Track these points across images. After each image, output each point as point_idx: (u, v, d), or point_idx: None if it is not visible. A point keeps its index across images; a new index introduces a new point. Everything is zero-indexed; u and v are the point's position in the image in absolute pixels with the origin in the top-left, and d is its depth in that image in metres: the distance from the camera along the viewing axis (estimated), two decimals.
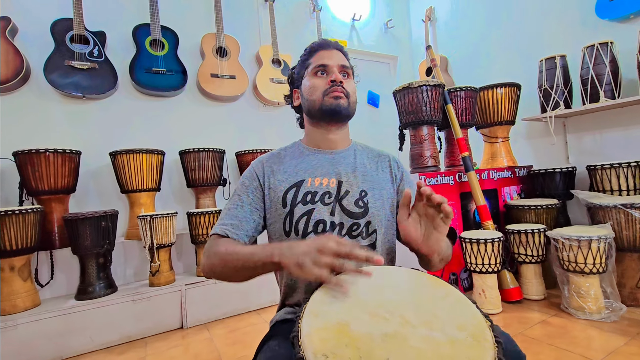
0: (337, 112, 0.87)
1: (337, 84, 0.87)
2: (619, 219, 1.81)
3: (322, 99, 0.87)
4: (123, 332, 1.91)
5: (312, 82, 0.89)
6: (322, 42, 0.93)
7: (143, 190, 2.23)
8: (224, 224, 0.82)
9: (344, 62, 0.91)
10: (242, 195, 0.87)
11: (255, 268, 0.70)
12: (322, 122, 0.91)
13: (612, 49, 2.10)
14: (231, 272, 0.74)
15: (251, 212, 0.85)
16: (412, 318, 0.53)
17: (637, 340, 1.48)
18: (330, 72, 0.89)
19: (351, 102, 0.90)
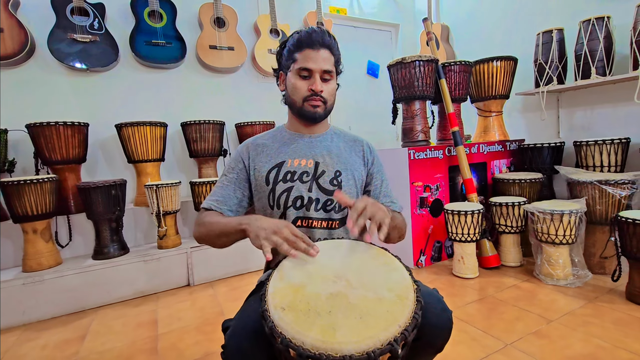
0: (313, 118, 0.99)
1: (317, 93, 0.94)
2: (594, 194, 1.91)
3: (301, 104, 0.96)
4: (136, 288, 2.14)
5: (295, 83, 0.96)
6: (310, 40, 0.94)
7: (148, 160, 2.37)
8: (210, 200, 0.98)
9: (328, 65, 0.96)
10: (228, 175, 1.01)
11: (229, 234, 0.86)
12: (302, 121, 1.02)
13: (608, 24, 2.09)
14: (214, 238, 0.91)
15: (234, 191, 0.99)
16: (354, 282, 0.67)
17: (593, 304, 1.64)
18: (312, 78, 0.94)
19: (328, 105, 0.99)
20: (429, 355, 0.77)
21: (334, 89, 1.00)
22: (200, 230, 0.94)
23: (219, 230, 0.88)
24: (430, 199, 2.31)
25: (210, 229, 0.90)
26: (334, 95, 1.01)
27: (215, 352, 1.47)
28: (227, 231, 0.86)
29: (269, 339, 0.64)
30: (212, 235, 0.91)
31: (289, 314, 0.61)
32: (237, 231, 0.83)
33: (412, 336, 0.59)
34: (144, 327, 1.76)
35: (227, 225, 0.86)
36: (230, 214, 0.98)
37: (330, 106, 1.00)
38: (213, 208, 0.96)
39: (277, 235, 0.74)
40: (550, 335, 1.41)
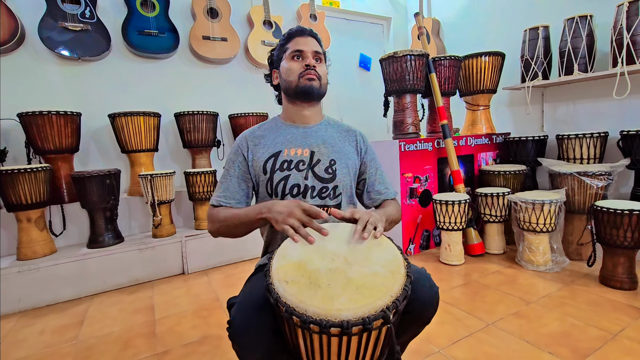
0: (310, 92, 1.02)
1: (311, 67, 1.01)
2: (573, 185, 2.02)
3: (297, 81, 1.02)
4: (132, 276, 2.17)
5: (289, 65, 1.03)
6: (298, 29, 1.06)
7: (142, 150, 2.39)
8: (218, 196, 1.03)
9: (317, 48, 1.05)
10: (230, 169, 1.05)
11: (250, 223, 0.93)
12: (297, 100, 1.06)
13: (591, 22, 2.18)
14: (233, 230, 0.98)
15: (239, 183, 1.04)
16: (350, 259, 0.73)
17: (569, 287, 1.75)
18: (305, 57, 1.03)
19: (322, 83, 1.04)
20: (418, 327, 0.84)
21: (325, 72, 1.08)
22: (217, 226, 1.00)
23: (239, 222, 0.95)
24: (419, 190, 2.39)
25: (228, 222, 0.97)
26: (326, 77, 1.08)
27: (212, 334, 1.53)
28: (247, 221, 0.93)
29: (274, 310, 0.70)
30: (231, 227, 0.97)
31: (292, 287, 0.67)
32: (257, 220, 0.90)
33: (402, 305, 0.66)
34: (141, 312, 1.80)
35: (246, 216, 0.93)
36: (240, 207, 1.03)
37: (324, 86, 1.06)
38: (222, 204, 1.02)
39: (292, 218, 0.81)
40: (528, 315, 1.51)
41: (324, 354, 0.67)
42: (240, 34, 2.86)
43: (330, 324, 0.60)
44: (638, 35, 1.95)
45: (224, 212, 0.99)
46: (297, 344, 0.69)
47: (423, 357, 1.26)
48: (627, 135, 1.99)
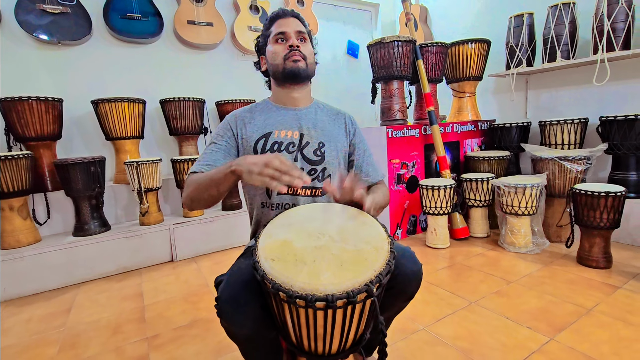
0: (297, 73, 1.02)
1: (295, 48, 1.01)
2: (554, 170, 2.08)
3: (283, 63, 1.01)
4: (119, 264, 2.16)
5: (274, 49, 1.03)
6: (279, 12, 1.05)
7: (127, 137, 2.34)
8: (201, 164, 0.98)
9: (300, 28, 1.04)
10: (217, 142, 1.03)
11: (219, 182, 0.84)
12: (286, 83, 1.05)
13: (573, 9, 2.21)
14: (203, 192, 0.89)
15: (224, 157, 1.02)
16: (335, 237, 0.75)
17: (548, 267, 1.82)
18: (288, 38, 1.02)
19: (309, 63, 1.04)
20: (403, 302, 0.87)
21: (311, 51, 1.07)
22: (189, 190, 0.93)
23: (209, 180, 0.87)
24: (406, 176, 2.43)
25: (198, 183, 0.90)
26: (313, 56, 1.07)
27: (202, 318, 1.55)
28: (216, 179, 0.85)
29: (261, 287, 0.72)
30: (201, 190, 0.89)
31: (278, 264, 0.68)
32: (226, 175, 0.81)
33: (385, 279, 0.68)
34: (129, 299, 1.80)
35: (216, 173, 0.85)
36: None
37: (311, 65, 1.05)
38: (204, 171, 0.96)
39: (268, 168, 0.74)
40: (509, 294, 1.57)
41: (310, 328, 0.70)
42: (226, 19, 2.80)
43: (315, 298, 0.62)
44: (618, 23, 1.99)
45: (196, 176, 0.93)
46: (285, 319, 0.71)
47: (408, 334, 1.31)
48: (605, 121, 2.05)
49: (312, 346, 0.74)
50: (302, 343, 0.74)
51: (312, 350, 0.75)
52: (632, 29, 2.00)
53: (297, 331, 0.72)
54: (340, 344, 0.74)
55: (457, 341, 1.25)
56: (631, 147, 1.97)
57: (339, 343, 0.73)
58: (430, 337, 1.29)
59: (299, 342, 0.75)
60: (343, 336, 0.72)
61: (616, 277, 1.66)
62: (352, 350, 0.77)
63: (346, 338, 0.73)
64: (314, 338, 0.71)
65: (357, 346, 0.77)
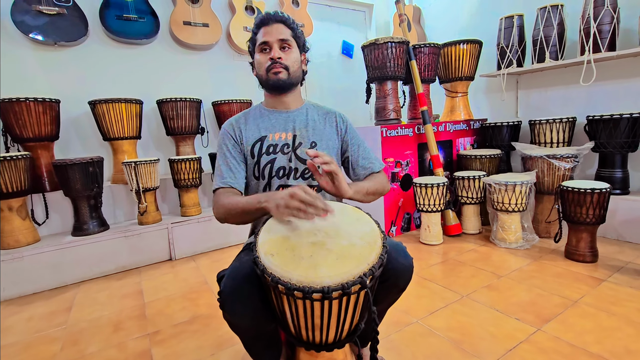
0: (279, 85, 1.05)
1: (276, 60, 1.02)
2: (543, 167, 2.14)
3: (266, 75, 1.05)
4: (118, 263, 2.19)
5: (258, 59, 1.06)
6: (263, 18, 1.05)
7: (124, 138, 2.37)
8: (223, 178, 1.03)
9: (284, 34, 1.04)
10: (227, 152, 1.07)
11: (251, 212, 0.92)
12: (272, 92, 1.10)
13: (562, 11, 2.27)
14: (237, 218, 0.97)
15: (239, 163, 1.06)
16: (331, 233, 0.80)
17: (537, 262, 1.88)
18: (270, 48, 1.04)
19: (292, 72, 1.06)
20: (395, 294, 0.92)
21: (296, 58, 1.07)
22: (221, 213, 0.99)
23: (241, 210, 0.94)
24: (400, 174, 2.48)
25: (230, 211, 0.96)
26: (298, 63, 1.08)
27: (202, 314, 1.58)
28: (248, 210, 0.92)
29: (261, 280, 0.76)
30: (234, 216, 0.96)
31: (277, 259, 0.73)
32: (257, 209, 0.89)
33: (378, 272, 0.73)
34: (129, 297, 1.83)
35: (247, 204, 0.92)
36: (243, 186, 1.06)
37: (294, 73, 1.06)
38: (232, 185, 1.02)
39: (294, 199, 0.79)
40: (499, 287, 1.62)
41: (307, 319, 0.74)
42: (221, 19, 2.83)
43: (312, 290, 0.67)
44: (604, 25, 2.05)
45: (227, 200, 0.98)
46: (283, 310, 0.75)
47: (402, 327, 1.36)
48: (592, 120, 2.12)
49: (309, 336, 0.78)
50: (301, 333, 0.79)
51: (309, 340, 0.80)
52: (617, 31, 2.06)
53: (296, 322, 0.76)
54: (336, 334, 0.78)
55: (449, 332, 1.31)
56: (616, 145, 2.04)
57: (335, 333, 0.78)
58: (424, 329, 1.34)
59: (297, 333, 0.79)
60: (339, 326, 0.76)
61: (602, 270, 1.72)
62: (347, 340, 0.81)
63: (342, 328, 0.77)
64: (312, 328, 0.76)
65: (352, 336, 0.81)
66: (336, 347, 0.81)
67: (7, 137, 2.09)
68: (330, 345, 0.80)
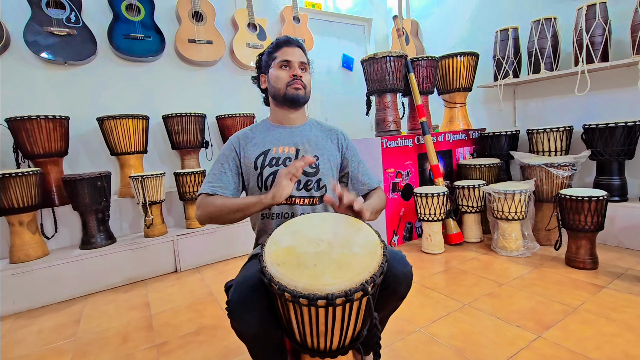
0: (297, 100, 1.14)
1: (298, 77, 1.12)
2: (541, 176, 2.18)
3: (285, 89, 1.12)
4: (125, 275, 2.22)
5: (278, 74, 1.13)
6: (286, 40, 1.15)
7: (131, 152, 2.43)
8: (213, 185, 1.10)
9: (303, 58, 1.15)
10: (224, 163, 1.14)
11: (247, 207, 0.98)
12: (285, 105, 1.16)
13: (555, 24, 2.34)
14: (227, 215, 1.02)
15: (232, 176, 1.13)
16: (334, 243, 0.84)
17: (538, 269, 1.90)
18: (292, 67, 1.13)
19: (307, 91, 1.16)
20: (395, 301, 0.95)
21: (309, 79, 1.18)
22: (209, 211, 1.04)
23: (236, 207, 1.00)
24: (401, 184, 2.52)
25: (222, 208, 1.02)
26: (310, 85, 1.18)
27: (208, 325, 1.61)
28: (245, 206, 0.99)
29: (268, 289, 0.80)
30: (225, 213, 1.02)
31: (283, 268, 0.77)
32: (255, 204, 0.96)
33: (379, 279, 0.76)
34: (136, 309, 1.86)
35: (243, 202, 1.00)
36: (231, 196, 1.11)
37: (308, 93, 1.16)
38: (218, 193, 1.08)
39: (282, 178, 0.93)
40: (501, 295, 1.65)
41: (312, 325, 0.78)
42: (225, 36, 2.92)
43: (317, 297, 0.70)
44: (596, 37, 2.11)
45: (220, 200, 1.05)
46: (289, 318, 0.79)
47: (405, 335, 1.38)
48: (588, 128, 2.16)
49: (314, 343, 0.82)
50: (306, 340, 0.82)
51: (314, 346, 0.83)
52: (609, 42, 2.12)
53: (301, 329, 0.79)
54: (340, 341, 0.82)
55: (451, 340, 1.33)
56: (613, 153, 2.08)
57: (339, 339, 0.81)
58: (426, 337, 1.36)
59: (302, 340, 0.83)
60: (342, 333, 0.80)
61: (602, 277, 1.74)
62: (350, 346, 0.85)
63: (345, 335, 0.81)
64: (316, 335, 0.79)
65: (355, 343, 0.85)
66: (340, 353, 0.84)
67: (18, 154, 2.16)
68: (334, 352, 0.83)
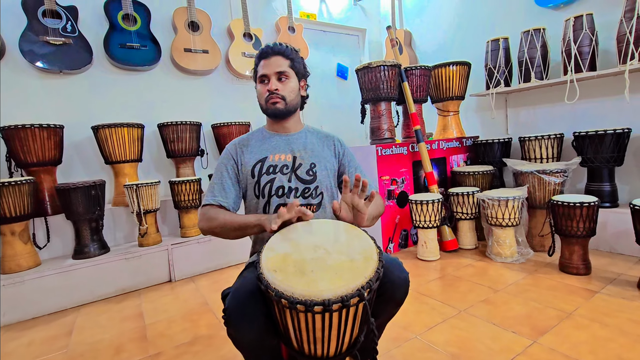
0: (276, 114, 1.15)
1: (273, 92, 1.11)
2: (533, 182, 2.21)
3: (265, 104, 1.14)
4: (118, 286, 2.19)
5: (258, 89, 1.16)
6: (262, 51, 1.14)
7: (126, 161, 2.42)
8: (215, 196, 1.10)
9: (281, 67, 1.12)
10: (224, 172, 1.14)
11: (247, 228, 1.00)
12: (272, 118, 1.18)
13: (544, 34, 2.40)
14: (229, 232, 1.03)
15: (233, 185, 1.14)
16: (330, 249, 0.84)
17: (532, 275, 1.92)
18: (268, 80, 1.13)
19: (288, 101, 1.14)
20: (392, 308, 0.96)
21: (293, 87, 1.15)
22: (213, 225, 1.05)
23: (237, 225, 1.01)
24: (396, 192, 2.53)
25: (225, 225, 1.03)
26: (295, 92, 1.16)
27: (203, 335, 1.59)
28: (245, 226, 1.00)
29: (265, 296, 0.80)
30: (227, 230, 1.03)
31: (280, 274, 0.77)
32: (255, 225, 0.98)
33: (375, 285, 0.77)
34: (130, 320, 1.84)
35: (245, 221, 1.01)
36: (234, 208, 1.13)
37: (291, 102, 1.15)
38: (222, 204, 1.09)
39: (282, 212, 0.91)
40: (496, 301, 1.65)
41: (309, 332, 0.77)
42: (221, 46, 2.95)
43: (314, 303, 0.71)
44: (584, 47, 2.17)
45: (223, 215, 1.05)
46: (286, 324, 0.79)
47: (402, 343, 1.38)
48: (578, 136, 2.20)
49: (311, 350, 0.82)
50: (303, 347, 0.82)
51: (311, 353, 0.83)
52: (596, 52, 2.18)
53: (298, 335, 0.79)
54: (337, 347, 0.82)
55: (447, 347, 1.33)
56: (603, 160, 2.12)
57: (336, 346, 0.81)
58: (423, 344, 1.36)
59: (299, 347, 0.83)
60: (339, 339, 0.80)
61: (595, 282, 1.76)
62: (348, 352, 0.84)
63: (342, 341, 0.81)
64: (314, 341, 0.79)
65: (352, 349, 0.84)
66: None
67: (11, 163, 2.14)
68: (331, 359, 0.83)
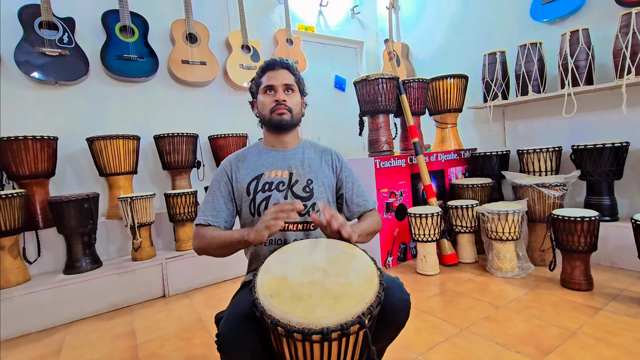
0: (281, 125, 1.12)
1: (281, 102, 1.10)
2: (533, 196, 2.19)
3: (270, 115, 1.11)
4: (110, 302, 2.13)
5: (262, 100, 1.12)
6: (269, 63, 1.13)
7: (121, 173, 2.39)
8: (205, 215, 1.08)
9: (288, 80, 1.12)
10: (216, 190, 1.11)
11: (232, 245, 0.99)
12: (274, 131, 1.15)
13: (541, 48, 2.42)
14: (216, 250, 1.03)
15: (225, 203, 1.10)
16: (329, 271, 0.81)
17: (534, 291, 1.88)
18: (275, 91, 1.11)
19: (294, 114, 1.13)
20: (393, 331, 0.92)
21: (298, 101, 1.15)
22: (202, 244, 1.04)
23: (222, 243, 1.01)
24: (395, 204, 2.51)
25: (212, 242, 1.02)
26: (299, 106, 1.16)
27: (197, 355, 1.54)
28: (230, 242, 0.99)
29: (260, 322, 0.76)
30: (215, 248, 1.03)
31: (276, 300, 0.73)
32: (239, 241, 0.96)
33: (376, 310, 0.73)
34: (121, 338, 1.78)
35: (229, 237, 1.00)
36: (225, 226, 1.09)
37: (296, 115, 1.14)
38: (211, 223, 1.07)
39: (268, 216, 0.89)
40: (498, 319, 1.61)
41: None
42: (219, 57, 2.95)
43: (311, 332, 0.67)
44: (580, 61, 2.18)
45: (211, 233, 1.04)
46: (283, 353, 0.75)
47: None
48: (577, 149, 2.20)
49: None
50: None
51: None
52: (593, 66, 2.19)
53: None
54: None
55: None
56: (602, 174, 2.11)
57: None
58: None
59: None
60: None
61: (598, 298, 1.73)
62: None
63: None
64: None
65: None
66: None
67: (3, 175, 2.10)
68: None
